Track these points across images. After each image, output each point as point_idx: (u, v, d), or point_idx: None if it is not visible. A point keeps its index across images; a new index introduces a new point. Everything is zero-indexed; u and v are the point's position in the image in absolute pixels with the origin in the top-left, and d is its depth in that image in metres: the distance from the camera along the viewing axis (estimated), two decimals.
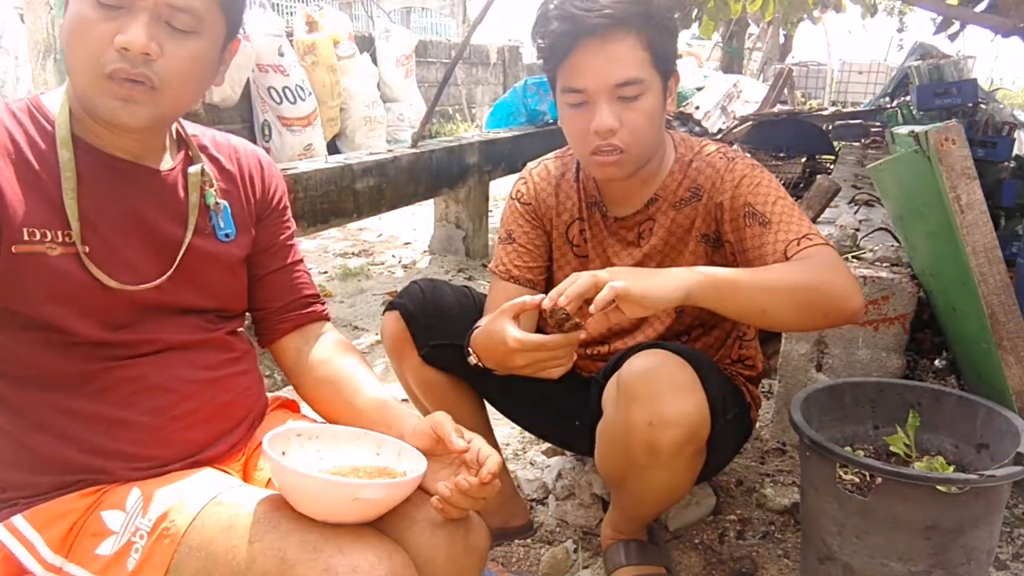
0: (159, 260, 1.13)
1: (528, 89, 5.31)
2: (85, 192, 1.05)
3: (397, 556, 0.97)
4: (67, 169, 1.04)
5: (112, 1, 0.98)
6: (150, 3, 0.99)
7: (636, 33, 1.34)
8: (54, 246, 1.03)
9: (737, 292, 1.23)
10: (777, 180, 1.49)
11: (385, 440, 1.13)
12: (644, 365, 1.32)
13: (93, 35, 0.99)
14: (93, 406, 1.07)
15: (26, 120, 1.05)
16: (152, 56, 1.00)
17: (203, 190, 1.18)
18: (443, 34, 14.06)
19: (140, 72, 1.00)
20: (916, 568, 1.35)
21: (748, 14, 6.97)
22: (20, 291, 1.01)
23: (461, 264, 4.38)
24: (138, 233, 1.11)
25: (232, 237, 1.22)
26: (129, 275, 1.09)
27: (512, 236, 1.63)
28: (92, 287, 1.05)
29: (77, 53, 1.00)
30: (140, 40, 0.98)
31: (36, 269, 1.01)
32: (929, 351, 2.52)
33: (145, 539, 0.99)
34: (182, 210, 1.16)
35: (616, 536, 1.65)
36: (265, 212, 1.29)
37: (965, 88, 3.63)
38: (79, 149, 1.06)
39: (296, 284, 1.32)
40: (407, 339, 1.60)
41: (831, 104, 11.35)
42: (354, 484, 0.99)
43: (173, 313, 1.15)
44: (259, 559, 0.94)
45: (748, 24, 11.56)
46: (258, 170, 1.28)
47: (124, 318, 1.09)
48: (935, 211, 1.75)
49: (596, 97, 1.36)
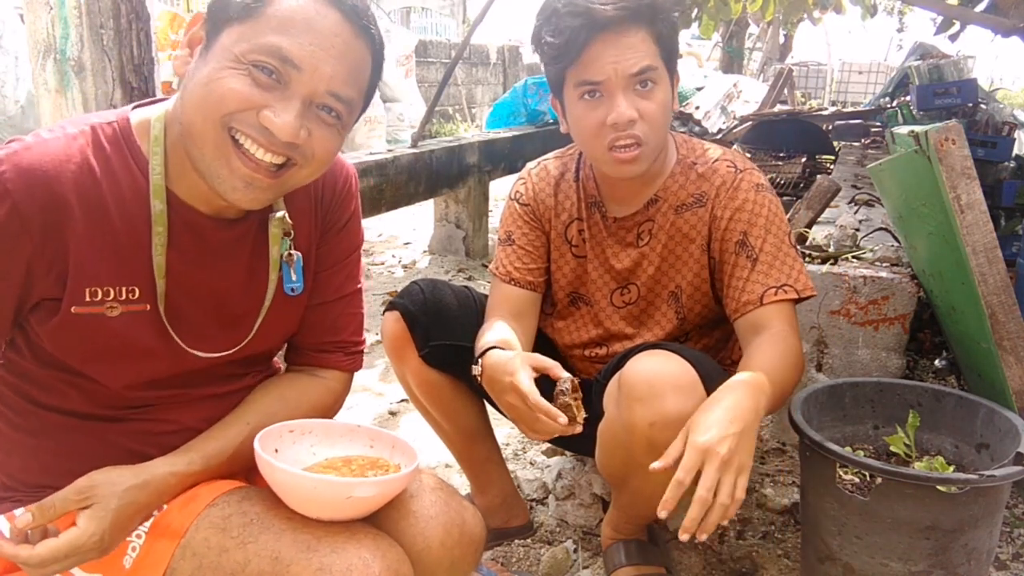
0: (232, 322, 1.09)
1: (528, 89, 5.31)
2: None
3: (391, 552, 0.97)
4: (159, 223, 0.98)
5: (268, 81, 0.91)
6: (308, 91, 0.93)
7: (647, 27, 1.37)
8: (115, 305, 0.97)
9: (771, 402, 1.29)
10: (779, 203, 1.50)
11: (379, 434, 1.13)
12: (646, 365, 1.33)
13: (235, 100, 0.91)
14: (120, 440, 1.06)
15: (113, 155, 0.97)
16: (298, 144, 0.94)
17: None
18: (443, 34, 14.06)
19: (282, 152, 0.94)
20: (916, 568, 1.35)
21: (748, 14, 6.97)
22: (69, 347, 0.98)
23: (461, 264, 4.38)
24: (213, 294, 1.06)
25: (299, 292, 1.13)
26: (199, 338, 1.05)
27: (511, 237, 1.63)
28: (155, 348, 1.02)
29: (210, 117, 0.92)
30: (291, 129, 0.92)
31: (89, 329, 0.97)
32: (929, 351, 2.53)
33: (143, 538, 0.99)
34: (259, 268, 1.09)
35: (616, 536, 1.65)
36: (329, 230, 1.17)
37: (965, 88, 3.64)
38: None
39: (338, 323, 1.20)
40: (407, 339, 1.60)
41: (831, 104, 11.36)
42: (348, 483, 0.99)
43: (222, 371, 1.12)
44: (253, 560, 0.94)
45: (748, 24, 11.55)
46: (331, 179, 1.16)
47: (173, 377, 1.06)
48: (935, 211, 1.75)
49: (613, 89, 1.36)
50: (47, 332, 0.97)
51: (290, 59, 0.91)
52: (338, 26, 0.94)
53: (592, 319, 1.64)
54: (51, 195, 0.91)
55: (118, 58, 2.09)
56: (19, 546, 0.91)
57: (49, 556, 0.90)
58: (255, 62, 0.91)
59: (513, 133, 4.90)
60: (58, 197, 0.92)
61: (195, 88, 0.94)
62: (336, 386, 1.22)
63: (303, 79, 0.92)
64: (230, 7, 0.93)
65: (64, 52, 2.07)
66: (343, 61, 0.95)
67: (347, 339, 1.22)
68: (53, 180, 0.91)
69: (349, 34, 0.95)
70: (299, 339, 1.20)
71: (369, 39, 0.98)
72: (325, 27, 0.93)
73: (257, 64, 0.91)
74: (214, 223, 1.04)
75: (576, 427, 1.23)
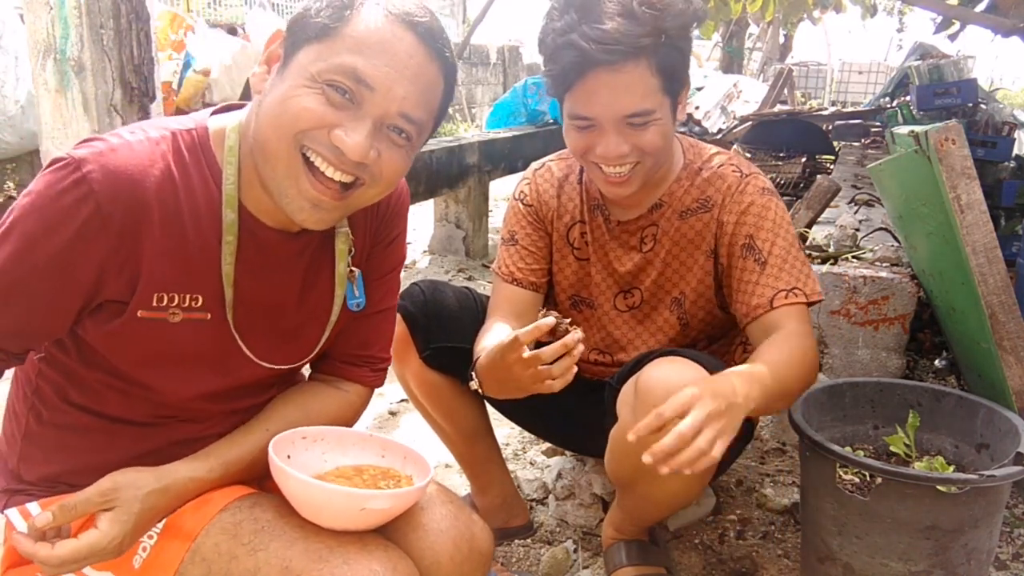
0: (291, 335, 1.10)
1: (528, 89, 5.31)
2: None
3: (402, 565, 0.96)
4: (229, 232, 0.99)
5: (341, 100, 0.92)
6: (380, 111, 0.93)
7: (647, 60, 1.30)
8: (177, 312, 0.98)
9: (769, 403, 1.28)
10: (784, 208, 1.49)
11: (390, 443, 1.12)
12: (664, 372, 1.31)
13: (309, 118, 0.92)
14: (147, 445, 1.05)
15: (191, 163, 0.98)
16: (367, 164, 0.95)
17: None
18: None
19: (351, 171, 0.95)
20: (916, 568, 1.35)
21: (748, 14, 6.98)
22: (126, 351, 0.98)
23: (461, 264, 4.38)
24: (271, 307, 1.07)
25: (362, 307, 1.14)
26: (262, 350, 1.06)
27: (515, 237, 1.63)
28: (215, 357, 1.03)
29: (284, 135, 0.93)
30: (362, 149, 0.93)
31: (150, 334, 0.97)
32: (929, 351, 2.53)
33: (154, 539, 0.99)
34: (316, 282, 1.10)
35: (617, 536, 1.65)
36: (377, 244, 1.17)
37: (965, 88, 3.64)
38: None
39: (369, 338, 1.20)
40: (408, 341, 1.60)
41: (831, 104, 11.36)
42: (361, 494, 0.98)
43: (267, 383, 1.12)
44: (263, 568, 0.94)
45: (748, 24, 11.56)
46: (385, 201, 1.15)
47: (229, 390, 1.07)
48: (935, 211, 1.75)
49: (604, 126, 1.35)
50: (105, 334, 0.97)
51: (364, 79, 0.92)
52: (413, 48, 0.95)
53: (595, 323, 1.64)
54: (134, 199, 0.92)
55: (118, 58, 2.10)
56: (38, 544, 0.91)
57: (69, 556, 0.90)
58: (329, 81, 0.92)
59: (513, 133, 4.90)
60: (141, 202, 0.92)
61: (271, 106, 0.95)
62: (356, 400, 1.21)
63: (376, 100, 0.93)
64: (308, 27, 0.94)
65: (64, 52, 2.07)
66: (416, 83, 0.95)
67: (376, 354, 1.22)
68: (138, 184, 0.92)
69: (423, 56, 0.96)
70: (330, 348, 1.20)
71: (443, 62, 0.99)
72: (400, 49, 0.94)
73: (331, 83, 0.92)
74: (278, 236, 1.05)
75: (577, 331, 1.18)
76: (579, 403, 1.67)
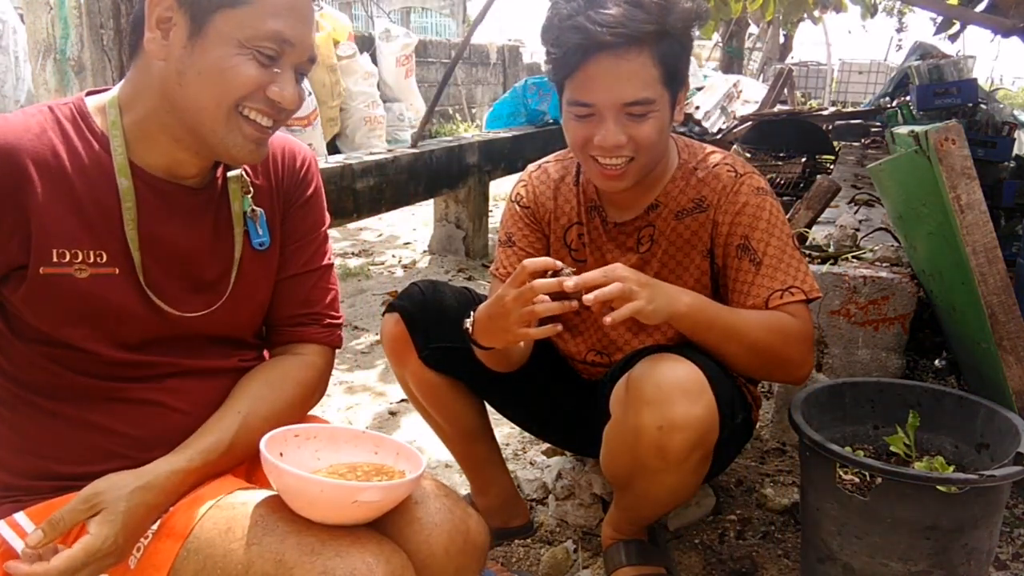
0: (207, 286, 1.13)
1: (528, 89, 5.31)
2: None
3: (396, 558, 0.97)
4: (127, 198, 1.04)
5: (268, 60, 1.02)
6: (297, 61, 1.05)
7: (650, 49, 1.31)
8: (83, 268, 1.02)
9: (710, 332, 1.37)
10: (780, 207, 1.49)
11: (383, 440, 1.13)
12: (655, 368, 1.32)
13: (250, 84, 1.01)
14: (106, 420, 1.07)
15: (71, 132, 1.03)
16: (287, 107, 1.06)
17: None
18: (443, 34, 14.07)
19: (282, 118, 1.06)
20: (916, 568, 1.35)
21: (748, 14, 6.97)
22: (43, 311, 1.01)
23: (461, 264, 4.38)
24: (183, 258, 1.10)
25: (267, 246, 1.18)
26: (175, 300, 1.09)
27: (512, 239, 1.63)
28: (130, 308, 1.05)
29: (224, 101, 1.01)
30: (296, 98, 1.05)
31: (60, 290, 1.00)
32: (929, 351, 2.52)
33: (149, 538, 0.99)
34: (224, 228, 1.14)
35: (616, 536, 1.65)
36: (291, 205, 1.23)
37: (965, 88, 3.63)
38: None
39: (310, 297, 1.24)
40: (407, 341, 1.60)
41: (831, 104, 11.36)
42: (353, 487, 0.99)
43: (202, 340, 1.14)
44: (257, 562, 0.94)
45: (748, 24, 11.56)
46: (290, 160, 1.23)
47: (150, 341, 1.09)
48: (935, 211, 1.75)
49: (604, 113, 1.35)
50: (20, 299, 1.00)
51: (287, 39, 1.02)
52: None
53: (593, 324, 1.64)
54: (10, 163, 0.97)
55: (118, 58, 2.10)
56: (33, 566, 0.91)
57: (66, 567, 0.91)
58: (259, 47, 1.00)
59: (513, 133, 4.90)
60: (15, 166, 0.97)
61: (205, 76, 1.00)
62: (317, 360, 1.23)
63: (295, 52, 1.04)
64: None
65: (64, 52, 2.08)
66: (313, 24, 1.08)
67: (321, 311, 1.24)
68: (12, 148, 0.97)
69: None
70: (274, 315, 1.23)
71: None
72: (303, 3, 1.04)
73: (261, 49, 1.00)
74: (179, 190, 1.10)
75: (568, 270, 1.26)
76: (577, 404, 1.67)
